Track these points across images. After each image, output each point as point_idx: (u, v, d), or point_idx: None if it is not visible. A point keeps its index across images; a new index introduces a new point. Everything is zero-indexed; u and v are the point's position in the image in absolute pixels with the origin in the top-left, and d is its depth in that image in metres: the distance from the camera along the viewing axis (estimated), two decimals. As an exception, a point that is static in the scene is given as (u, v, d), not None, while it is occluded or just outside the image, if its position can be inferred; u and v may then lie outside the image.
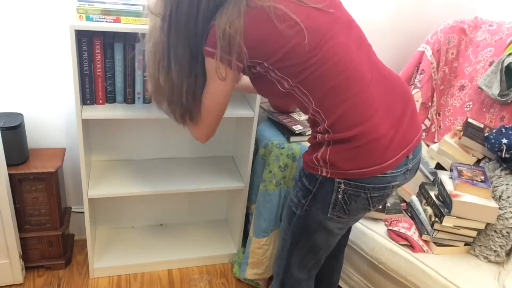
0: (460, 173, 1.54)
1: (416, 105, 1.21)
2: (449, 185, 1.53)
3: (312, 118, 1.12)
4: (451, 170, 1.61)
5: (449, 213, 1.46)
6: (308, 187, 1.15)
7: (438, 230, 1.49)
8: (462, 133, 1.66)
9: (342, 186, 1.09)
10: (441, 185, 1.56)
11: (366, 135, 1.05)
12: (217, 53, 1.03)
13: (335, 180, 1.09)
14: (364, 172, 1.07)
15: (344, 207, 1.12)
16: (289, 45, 1.02)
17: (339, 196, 1.10)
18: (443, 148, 1.69)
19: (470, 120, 1.74)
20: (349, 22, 1.12)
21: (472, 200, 1.46)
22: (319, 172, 1.10)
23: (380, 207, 1.24)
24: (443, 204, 1.50)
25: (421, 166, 1.67)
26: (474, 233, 1.50)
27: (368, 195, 1.10)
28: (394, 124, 1.09)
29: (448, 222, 1.47)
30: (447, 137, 1.71)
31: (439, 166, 1.71)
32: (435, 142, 1.88)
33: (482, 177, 1.53)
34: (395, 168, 1.09)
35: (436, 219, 1.50)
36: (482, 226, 1.48)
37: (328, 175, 1.09)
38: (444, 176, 1.59)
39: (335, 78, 1.04)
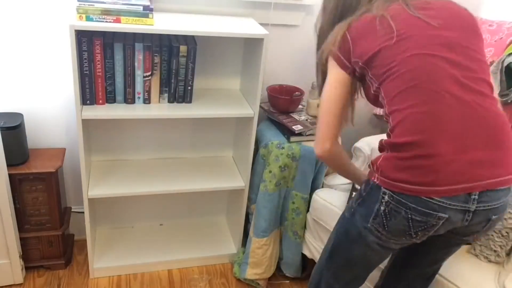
0: None
1: (510, 146, 1.04)
2: None
3: (388, 122, 1.10)
4: None
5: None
6: (361, 191, 1.11)
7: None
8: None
9: (386, 198, 1.02)
10: None
11: (419, 147, 0.98)
12: (334, 51, 1.14)
13: (381, 189, 1.03)
14: (409, 188, 0.99)
15: (384, 221, 1.05)
16: (378, 47, 1.06)
17: (382, 208, 1.04)
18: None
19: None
20: (463, 47, 1.06)
21: None
22: (373, 178, 1.06)
23: (425, 238, 1.07)
24: None
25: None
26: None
27: (409, 216, 1.01)
28: (461, 150, 0.98)
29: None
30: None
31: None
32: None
33: None
34: (445, 197, 0.98)
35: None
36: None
37: (377, 182, 1.04)
38: None
39: (407, 83, 1.02)
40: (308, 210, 1.85)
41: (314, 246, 1.84)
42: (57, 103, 1.80)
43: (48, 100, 1.78)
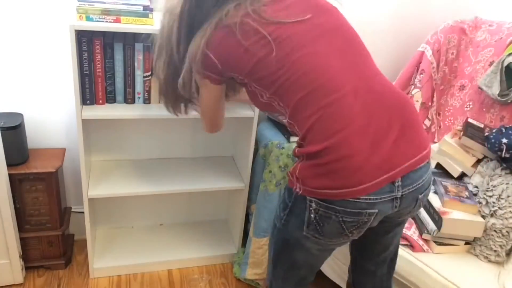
0: (446, 189, 1.55)
1: (419, 123, 1.07)
2: (435, 201, 1.55)
3: (291, 130, 1.09)
4: (434, 184, 1.62)
5: (438, 230, 1.48)
6: (286, 201, 1.10)
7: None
8: (462, 133, 1.66)
9: (313, 205, 1.01)
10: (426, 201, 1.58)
11: (333, 151, 0.97)
12: (200, 70, 1.14)
13: (307, 198, 1.02)
14: (333, 194, 0.98)
15: (318, 228, 1.04)
16: (255, 58, 1.03)
17: (311, 216, 1.03)
18: (443, 148, 1.69)
19: (470, 120, 1.74)
20: (335, 29, 1.05)
21: (461, 217, 1.48)
22: (294, 187, 1.05)
23: (362, 233, 1.08)
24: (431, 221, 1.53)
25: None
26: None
27: (340, 219, 1.00)
28: (373, 143, 0.97)
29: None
30: (447, 137, 1.71)
31: (439, 166, 1.71)
32: (435, 142, 1.88)
33: (467, 193, 1.56)
34: (371, 194, 0.97)
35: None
36: (470, 239, 1.52)
37: (301, 192, 1.03)
38: None
39: (304, 88, 0.99)
40: (308, 210, 1.85)
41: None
42: (57, 103, 1.80)
43: (48, 100, 1.78)
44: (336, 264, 1.72)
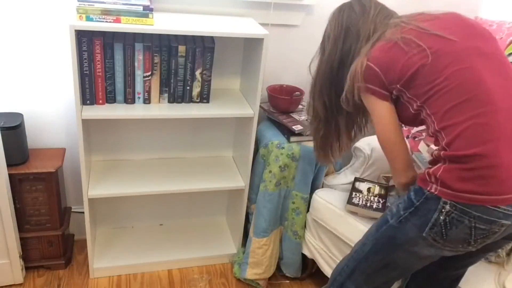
0: None
1: None
2: None
3: (435, 139, 1.11)
4: None
5: None
6: (412, 200, 1.10)
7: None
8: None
9: (447, 207, 1.03)
10: None
11: (484, 158, 1.00)
12: (364, 85, 1.16)
13: (441, 200, 1.03)
14: (474, 198, 1.00)
15: (443, 230, 1.05)
16: (416, 66, 1.08)
17: (441, 217, 1.04)
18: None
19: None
20: (493, 54, 1.10)
21: None
22: (428, 188, 1.06)
23: (481, 245, 1.09)
24: None
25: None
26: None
27: (473, 224, 1.02)
28: None
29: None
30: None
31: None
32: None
33: None
34: (510, 205, 1.00)
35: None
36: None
37: (436, 192, 1.04)
38: None
39: (459, 97, 1.04)
40: (308, 210, 1.85)
41: (314, 246, 1.84)
42: (57, 103, 1.80)
43: (48, 100, 1.78)
44: (336, 264, 1.72)
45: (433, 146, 1.73)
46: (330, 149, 1.44)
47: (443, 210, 1.03)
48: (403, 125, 1.25)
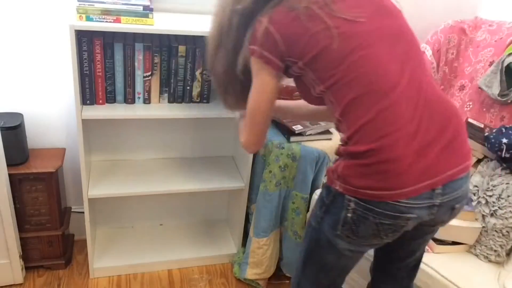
0: None
1: (464, 135, 1.07)
2: None
3: (337, 127, 1.09)
4: None
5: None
6: (324, 199, 1.10)
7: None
8: (462, 133, 1.66)
9: (352, 205, 1.01)
10: None
11: (380, 153, 0.97)
12: (257, 50, 1.06)
13: (345, 197, 1.02)
14: (374, 194, 0.98)
15: (353, 227, 1.04)
16: (319, 46, 1.01)
17: (349, 215, 1.02)
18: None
19: (470, 120, 1.74)
20: (399, 34, 1.05)
21: (456, 223, 1.48)
22: (333, 185, 1.05)
23: (396, 237, 1.08)
24: None
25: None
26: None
27: (378, 221, 1.01)
28: (419, 149, 0.98)
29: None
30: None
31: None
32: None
33: None
34: (411, 198, 0.98)
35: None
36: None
37: (341, 190, 1.03)
38: None
39: (361, 89, 1.00)
40: (308, 210, 1.85)
41: (314, 246, 1.84)
42: (57, 103, 1.80)
43: (48, 100, 1.78)
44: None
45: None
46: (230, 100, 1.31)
47: (349, 208, 1.02)
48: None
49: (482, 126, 1.69)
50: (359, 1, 1.05)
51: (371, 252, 1.33)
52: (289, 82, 2.00)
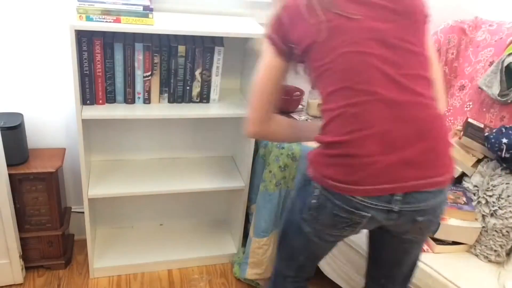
0: None
1: (445, 151, 1.03)
2: None
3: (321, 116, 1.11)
4: None
5: (432, 235, 1.50)
6: (298, 183, 1.16)
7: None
8: (462, 133, 1.66)
9: (317, 192, 1.05)
10: None
11: (345, 146, 0.99)
12: (269, 33, 1.12)
13: (313, 183, 1.06)
14: (334, 185, 1.01)
15: (315, 213, 1.07)
16: (311, 38, 1.04)
17: (313, 201, 1.06)
18: (443, 148, 1.69)
19: (470, 120, 1.73)
20: (398, 42, 1.02)
21: (457, 223, 1.49)
22: (308, 170, 1.09)
23: (356, 233, 1.10)
24: None
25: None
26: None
27: (334, 212, 1.03)
28: (385, 152, 0.97)
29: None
30: (447, 137, 1.71)
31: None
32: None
33: (464, 199, 1.55)
34: (367, 197, 0.99)
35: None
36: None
37: (311, 176, 1.07)
38: None
39: (339, 83, 1.01)
40: (308, 210, 1.85)
41: (314, 246, 1.84)
42: (57, 103, 1.80)
43: (48, 100, 1.78)
44: (336, 264, 1.72)
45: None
46: None
47: (314, 194, 1.06)
48: None
49: (482, 126, 1.69)
50: (371, 2, 1.03)
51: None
52: (287, 82, 2.00)
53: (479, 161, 1.64)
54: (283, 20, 1.08)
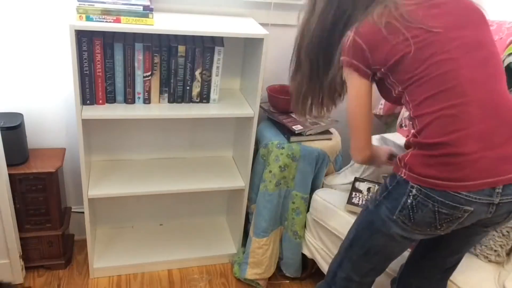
0: None
1: None
2: None
3: (410, 124, 1.17)
4: None
5: None
6: (387, 185, 1.17)
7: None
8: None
9: (414, 191, 1.08)
10: None
11: (448, 147, 1.04)
12: (349, 60, 1.15)
13: (409, 184, 1.09)
14: (437, 184, 1.05)
15: (411, 213, 1.10)
16: (399, 54, 1.10)
17: (409, 201, 1.10)
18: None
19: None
20: (478, 44, 1.11)
21: None
22: (399, 172, 1.12)
23: (449, 230, 1.13)
24: None
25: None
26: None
27: (436, 208, 1.07)
28: (485, 149, 1.04)
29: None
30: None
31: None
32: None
33: None
34: (471, 192, 1.04)
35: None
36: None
37: (405, 177, 1.10)
38: None
39: (435, 88, 1.07)
40: (308, 210, 1.85)
41: (314, 246, 1.84)
42: (57, 103, 1.80)
43: (48, 100, 1.78)
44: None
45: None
46: (309, 106, 1.40)
47: (410, 194, 1.09)
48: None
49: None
50: (438, 12, 1.11)
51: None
52: (287, 82, 2.00)
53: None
54: (362, 46, 1.12)
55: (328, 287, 1.37)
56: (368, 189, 1.72)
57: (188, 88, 1.72)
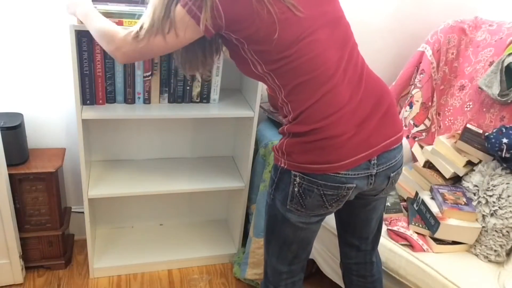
0: (443, 197, 1.56)
1: (395, 109, 1.17)
2: (433, 207, 1.57)
3: (281, 107, 1.15)
4: (431, 191, 1.65)
5: (433, 235, 1.51)
6: (273, 177, 1.18)
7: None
8: (459, 137, 1.67)
9: (297, 179, 1.11)
10: (422, 205, 1.60)
11: (321, 132, 1.07)
12: (188, 3, 1.02)
13: (291, 172, 1.11)
14: (316, 168, 1.08)
15: (300, 200, 1.13)
16: (261, 33, 1.02)
17: (295, 189, 1.12)
18: (437, 148, 1.70)
19: (469, 125, 1.74)
20: (337, 19, 1.11)
21: (457, 223, 1.50)
22: (279, 163, 1.14)
23: (340, 207, 1.16)
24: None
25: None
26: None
27: (321, 192, 1.10)
28: (356, 125, 1.08)
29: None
30: (442, 137, 1.72)
31: (428, 164, 1.72)
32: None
33: (465, 200, 1.56)
34: (349, 170, 1.08)
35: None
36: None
37: (286, 166, 1.12)
38: (425, 196, 1.63)
39: (306, 74, 1.06)
40: (308, 210, 1.85)
41: (314, 246, 1.84)
42: (57, 103, 1.80)
43: (48, 100, 1.78)
44: (336, 263, 1.72)
45: (428, 147, 1.74)
46: (196, 64, 1.26)
47: (295, 182, 1.11)
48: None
49: (481, 132, 1.70)
50: None
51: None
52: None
53: (471, 163, 1.65)
54: (220, 10, 1.01)
55: (265, 286, 1.37)
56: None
57: (188, 88, 1.72)
